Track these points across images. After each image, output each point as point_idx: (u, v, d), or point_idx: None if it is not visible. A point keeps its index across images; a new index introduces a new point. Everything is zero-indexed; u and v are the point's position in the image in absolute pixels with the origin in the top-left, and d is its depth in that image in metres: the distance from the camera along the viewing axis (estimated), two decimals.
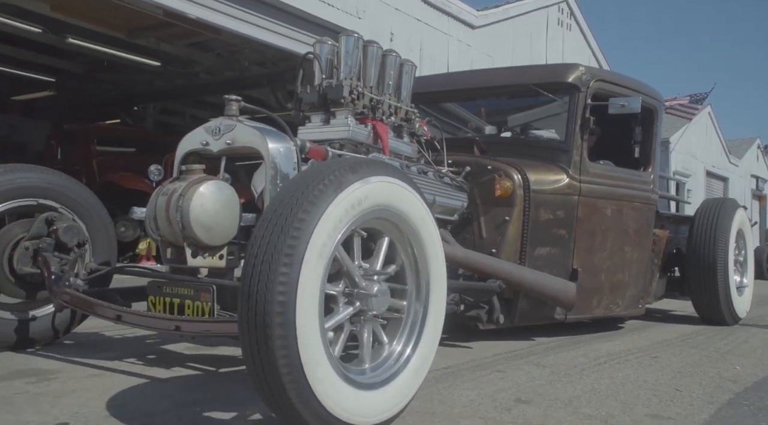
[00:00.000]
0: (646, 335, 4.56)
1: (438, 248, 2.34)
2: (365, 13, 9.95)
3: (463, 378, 2.89)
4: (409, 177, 2.37)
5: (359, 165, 2.07)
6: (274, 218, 1.85)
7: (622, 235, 4.25)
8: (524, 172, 3.79)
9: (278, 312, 1.78)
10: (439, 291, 2.34)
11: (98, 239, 3.24)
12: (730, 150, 24.54)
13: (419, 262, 2.30)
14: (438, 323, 2.35)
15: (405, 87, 3.51)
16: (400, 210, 2.19)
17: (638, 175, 4.43)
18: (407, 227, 2.24)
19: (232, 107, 2.83)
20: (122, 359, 2.95)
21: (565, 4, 15.58)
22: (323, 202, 1.89)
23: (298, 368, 1.81)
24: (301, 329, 1.81)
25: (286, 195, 1.91)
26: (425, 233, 2.28)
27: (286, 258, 1.79)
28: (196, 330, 2.49)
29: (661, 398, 2.71)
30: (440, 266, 2.35)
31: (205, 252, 2.70)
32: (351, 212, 1.98)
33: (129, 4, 8.33)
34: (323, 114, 3.20)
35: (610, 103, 3.83)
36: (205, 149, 2.82)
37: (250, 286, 1.81)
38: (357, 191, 2.00)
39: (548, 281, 3.76)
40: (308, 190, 1.89)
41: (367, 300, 2.13)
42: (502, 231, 3.77)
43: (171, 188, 2.68)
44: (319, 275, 1.88)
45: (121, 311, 2.63)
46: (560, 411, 2.44)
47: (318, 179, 1.93)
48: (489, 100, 4.52)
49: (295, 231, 1.82)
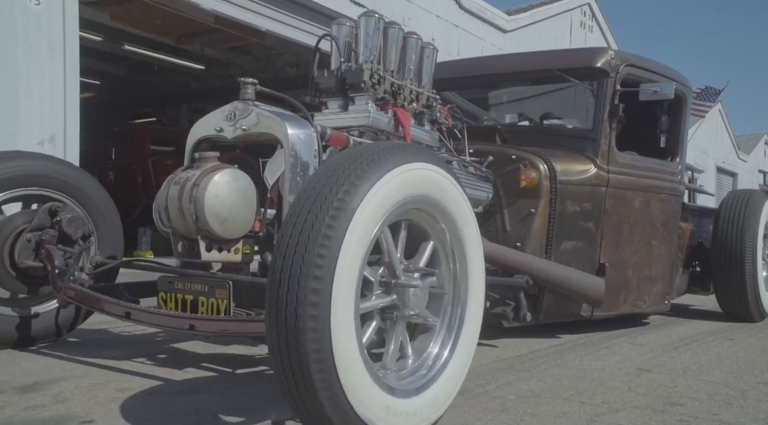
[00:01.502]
0: (683, 328, 4.47)
1: (477, 244, 2.17)
2: (410, 20, 10.48)
3: (579, 353, 3.40)
4: (453, 170, 2.20)
5: (406, 149, 1.90)
6: (312, 196, 1.68)
7: (650, 228, 4.07)
8: (550, 162, 3.60)
9: (312, 303, 1.61)
10: (478, 294, 2.18)
11: (104, 232, 3.06)
12: (739, 146, 24.52)
13: (458, 259, 2.14)
14: (476, 324, 2.18)
15: (426, 72, 3.33)
16: (442, 203, 2.03)
17: (666, 165, 4.24)
18: (448, 221, 2.08)
19: (248, 91, 2.64)
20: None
21: (587, 7, 16.40)
22: (366, 181, 1.72)
23: (331, 367, 1.64)
24: (337, 322, 1.64)
25: (325, 173, 1.75)
26: (466, 229, 2.12)
27: (324, 239, 1.62)
28: (212, 330, 2.32)
29: (762, 369, 3.08)
30: (480, 269, 2.19)
31: (220, 246, 2.53)
32: (394, 196, 1.82)
33: (182, 12, 8.75)
34: (341, 100, 3.03)
35: (641, 89, 3.64)
36: (219, 136, 2.64)
37: (282, 271, 1.63)
38: (402, 175, 1.83)
39: (576, 276, 3.59)
40: (351, 169, 1.72)
41: (405, 294, 1.95)
42: (527, 224, 3.59)
43: (183, 176, 2.50)
44: (358, 261, 1.71)
45: (130, 308, 2.45)
46: (681, 378, 2.88)
47: (362, 159, 1.76)
48: (512, 86, 4.32)
49: (335, 211, 1.65)
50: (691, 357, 3.41)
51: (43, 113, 6.50)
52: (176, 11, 8.78)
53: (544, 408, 2.30)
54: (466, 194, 2.15)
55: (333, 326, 1.64)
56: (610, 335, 4.02)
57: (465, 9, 12.29)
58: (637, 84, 3.72)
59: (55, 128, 6.59)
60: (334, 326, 1.64)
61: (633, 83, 3.75)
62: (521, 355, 3.30)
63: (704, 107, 13.30)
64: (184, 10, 8.68)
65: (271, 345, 1.67)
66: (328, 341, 1.63)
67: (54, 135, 6.60)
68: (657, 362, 3.22)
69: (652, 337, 4.04)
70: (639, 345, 3.75)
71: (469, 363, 2.16)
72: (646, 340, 3.90)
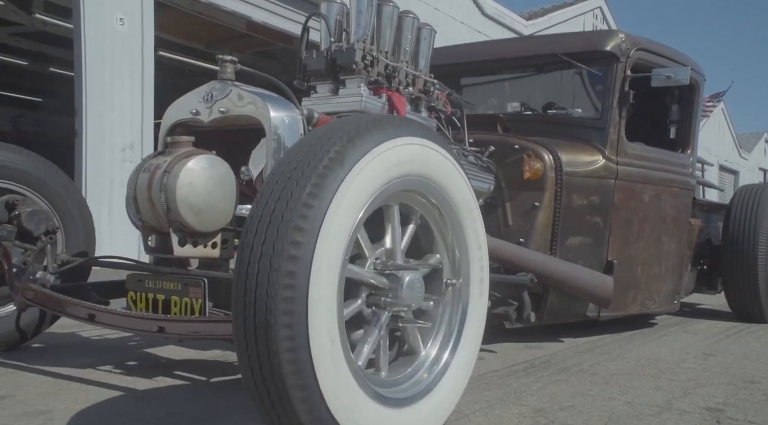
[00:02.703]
0: (704, 327, 4.41)
1: (480, 232, 1.92)
2: (438, 27, 10.47)
3: (641, 341, 3.69)
4: (452, 148, 1.95)
5: (398, 121, 1.66)
6: (286, 173, 1.44)
7: (660, 223, 3.84)
8: (555, 152, 3.37)
9: (285, 310, 1.37)
10: (482, 288, 1.93)
11: (72, 228, 2.80)
12: (740, 144, 24.48)
13: (459, 249, 1.88)
14: (480, 324, 1.93)
15: (423, 54, 3.10)
16: (441, 185, 1.78)
17: (677, 157, 4.01)
18: (447, 206, 1.83)
19: (227, 69, 2.42)
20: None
21: (599, 10, 17.44)
22: (352, 156, 1.48)
23: (310, 378, 1.40)
24: (316, 328, 1.40)
25: (301, 148, 1.50)
26: (467, 215, 1.87)
27: (301, 221, 1.38)
28: (182, 332, 2.07)
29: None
30: (483, 259, 1.94)
31: (195, 240, 2.29)
32: (385, 174, 1.57)
33: (215, 19, 9.06)
34: (331, 83, 2.79)
35: (653, 74, 3.40)
36: (194, 120, 2.40)
37: (249, 268, 1.40)
38: (394, 150, 1.58)
39: (583, 274, 3.35)
40: (331, 141, 1.48)
41: (399, 282, 1.71)
42: (530, 218, 3.35)
43: (154, 163, 2.26)
44: (341, 252, 1.47)
45: (94, 310, 2.21)
46: (745, 361, 3.14)
47: (346, 130, 1.52)
48: (514, 73, 4.07)
49: (314, 189, 1.40)
50: (743, 344, 3.70)
51: (124, 123, 7.35)
52: (210, 18, 9.11)
53: (639, 383, 2.66)
54: (467, 174, 1.91)
55: (312, 329, 1.41)
56: (625, 336, 3.92)
57: (487, 15, 13.31)
58: (648, 69, 3.48)
59: (134, 136, 7.46)
60: (314, 329, 1.41)
61: (644, 68, 3.52)
62: (589, 342, 3.62)
63: (709, 107, 13.29)
64: (218, 17, 9.01)
65: (239, 348, 1.43)
66: (305, 344, 1.40)
67: (133, 142, 7.45)
68: (717, 348, 3.54)
69: (700, 327, 4.33)
70: (693, 333, 4.11)
71: (471, 367, 1.92)
72: (695, 329, 4.22)
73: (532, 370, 2.82)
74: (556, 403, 2.28)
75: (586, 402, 2.32)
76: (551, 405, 2.24)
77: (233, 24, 9.31)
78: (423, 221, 1.87)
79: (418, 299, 1.74)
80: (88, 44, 6.94)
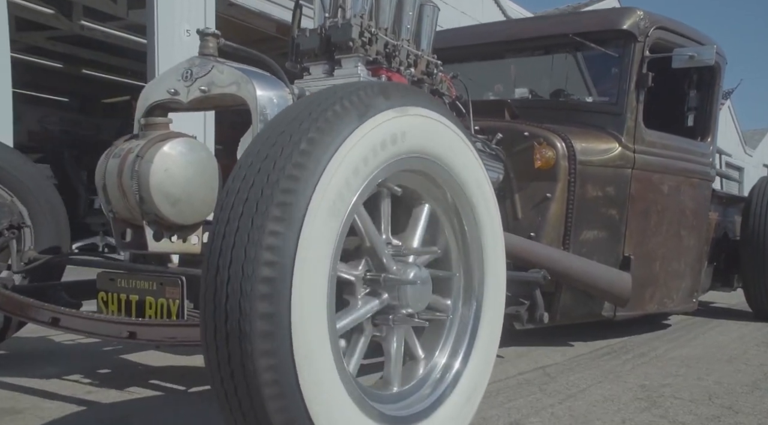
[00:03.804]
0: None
1: (496, 222, 1.68)
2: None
3: (696, 332, 3.92)
4: (459, 122, 1.70)
5: (394, 89, 1.41)
6: (264, 150, 1.20)
7: (679, 216, 3.59)
8: (568, 139, 3.12)
9: (263, 314, 1.13)
10: (497, 282, 1.68)
11: (42, 223, 2.55)
12: (745, 141, 24.23)
13: (470, 240, 1.64)
14: (496, 327, 1.69)
15: (426, 33, 2.86)
16: (449, 164, 1.53)
17: (697, 146, 3.76)
18: (456, 188, 1.58)
19: (209, 44, 2.17)
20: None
21: None
22: (341, 130, 1.23)
23: (295, 397, 1.16)
24: (300, 336, 1.16)
25: (282, 120, 1.26)
26: (480, 200, 1.62)
27: (278, 210, 1.14)
28: (156, 337, 1.84)
29: None
30: (499, 248, 1.69)
31: (173, 233, 2.05)
32: (381, 153, 1.32)
33: (246, 22, 9.03)
34: (326, 63, 2.55)
35: (674, 55, 3.15)
36: (173, 100, 2.15)
37: (218, 267, 1.16)
38: (391, 122, 1.34)
39: (600, 271, 3.11)
40: (318, 112, 1.24)
41: (400, 291, 1.46)
42: (542, 211, 3.11)
43: (125, 147, 2.01)
44: (330, 246, 1.22)
45: (58, 313, 1.96)
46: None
47: (334, 99, 1.28)
48: (522, 56, 3.82)
49: (295, 169, 1.16)
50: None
51: (187, 128, 7.27)
52: (242, 21, 9.12)
53: (718, 367, 2.78)
54: (478, 152, 1.66)
55: (295, 339, 1.17)
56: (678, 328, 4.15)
57: (508, 17, 13.42)
58: (668, 50, 3.23)
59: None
60: (298, 338, 1.17)
61: (663, 49, 3.27)
62: (649, 332, 3.82)
63: None
64: (249, 20, 9.05)
65: (207, 357, 1.19)
66: (288, 353, 1.16)
67: None
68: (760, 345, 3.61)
69: (731, 327, 4.27)
70: (744, 325, 4.29)
71: (488, 376, 1.67)
72: (746, 328, 4.22)
73: (615, 354, 3.18)
74: (654, 381, 2.57)
75: (679, 381, 2.60)
76: (651, 383, 2.55)
77: (263, 27, 9.39)
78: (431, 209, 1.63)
79: (426, 298, 1.50)
80: (161, 55, 7.26)
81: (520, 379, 2.56)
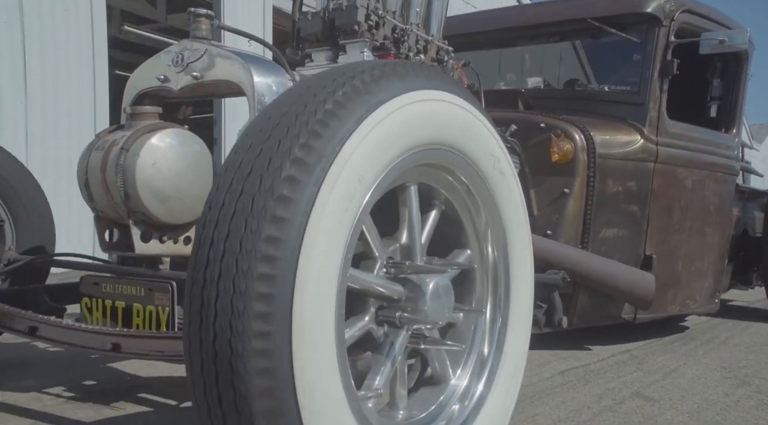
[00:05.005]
0: None
1: (524, 219, 1.49)
2: None
3: (734, 329, 3.97)
4: (482, 107, 1.51)
5: (410, 69, 1.23)
6: (263, 133, 1.03)
7: (703, 213, 3.40)
8: (588, 131, 2.93)
9: (258, 333, 0.96)
10: (525, 291, 1.50)
11: (24, 222, 2.37)
12: (751, 135, 24.03)
13: (495, 241, 1.45)
14: (524, 341, 1.50)
15: (436, 17, 2.67)
16: (469, 155, 1.34)
17: (722, 138, 3.56)
18: (480, 184, 1.39)
19: (201, 26, 1.98)
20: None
21: None
22: (355, 111, 1.05)
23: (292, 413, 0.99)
24: (304, 356, 0.98)
25: (286, 100, 1.08)
26: (505, 196, 1.43)
27: (279, 206, 0.96)
28: (143, 351, 1.65)
29: None
30: (527, 247, 1.50)
31: (162, 234, 1.86)
32: (401, 140, 1.14)
33: (280, 26, 8.88)
34: (329, 49, 2.36)
35: (702, 39, 2.95)
36: (163, 87, 1.97)
37: (206, 277, 0.98)
38: (413, 106, 1.15)
39: (622, 272, 2.93)
40: (328, 90, 1.06)
41: (419, 290, 1.28)
42: (559, 207, 2.92)
43: (110, 139, 1.83)
44: (340, 250, 1.04)
45: (36, 322, 1.78)
46: None
47: (348, 76, 1.10)
48: (537, 43, 3.61)
49: (303, 152, 0.98)
50: None
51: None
52: (277, 25, 9.13)
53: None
54: (505, 146, 1.48)
55: (296, 353, 0.98)
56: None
57: (521, 2, 13.52)
58: (695, 35, 3.03)
59: None
60: (299, 353, 0.98)
61: (690, 34, 3.07)
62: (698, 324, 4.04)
63: None
64: (280, 23, 9.01)
65: (192, 377, 1.02)
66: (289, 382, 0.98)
67: None
68: None
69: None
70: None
71: (514, 400, 1.48)
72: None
73: (684, 340, 3.49)
74: (735, 361, 2.84)
75: (752, 363, 2.85)
76: (735, 364, 2.83)
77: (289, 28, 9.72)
78: (448, 206, 1.44)
79: (446, 312, 1.31)
80: None
81: (612, 361, 2.95)
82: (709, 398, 2.38)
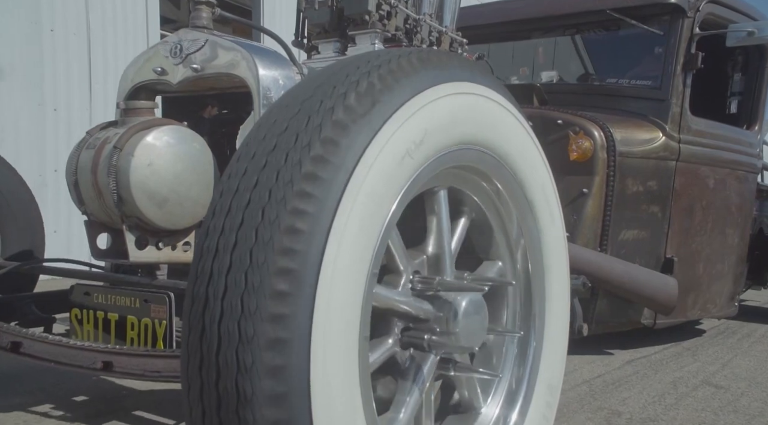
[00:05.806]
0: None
1: (560, 227, 1.35)
2: None
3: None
4: (515, 101, 1.36)
5: (442, 59, 1.08)
6: (270, 138, 0.89)
7: (725, 213, 3.26)
8: (607, 128, 2.79)
9: (272, 368, 0.81)
10: (563, 305, 1.35)
11: (12, 228, 2.22)
12: None
13: (530, 252, 1.30)
14: (560, 363, 1.36)
15: (449, 8, 2.54)
16: (504, 157, 1.20)
17: (744, 135, 3.41)
18: (515, 190, 1.25)
19: (202, 15, 1.83)
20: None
21: None
22: (383, 107, 0.90)
23: None
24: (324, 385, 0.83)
25: (298, 95, 0.94)
26: (542, 202, 1.29)
27: (295, 218, 0.82)
28: (137, 370, 1.50)
29: None
30: (563, 257, 1.36)
31: (159, 240, 1.72)
32: (437, 136, 0.99)
33: None
34: (338, 41, 2.22)
35: (729, 31, 2.80)
36: (160, 80, 1.82)
37: (207, 298, 0.84)
38: (437, 103, 1.00)
39: (644, 276, 2.79)
40: (352, 79, 0.91)
41: (450, 309, 1.13)
42: (577, 208, 2.78)
43: (101, 137, 1.68)
44: (364, 266, 0.90)
45: (18, 336, 1.63)
46: None
47: (376, 64, 0.95)
48: (552, 35, 3.46)
49: (324, 148, 0.84)
50: None
51: None
52: None
53: None
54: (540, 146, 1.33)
55: (314, 384, 0.84)
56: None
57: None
58: (720, 26, 2.89)
59: None
60: (317, 384, 0.84)
61: (715, 25, 2.92)
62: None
63: None
64: None
65: (190, 405, 0.87)
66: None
67: None
68: None
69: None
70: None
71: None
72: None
73: (724, 336, 3.66)
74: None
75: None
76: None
77: None
78: (479, 214, 1.29)
79: (480, 335, 1.16)
80: None
81: (668, 353, 3.15)
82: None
